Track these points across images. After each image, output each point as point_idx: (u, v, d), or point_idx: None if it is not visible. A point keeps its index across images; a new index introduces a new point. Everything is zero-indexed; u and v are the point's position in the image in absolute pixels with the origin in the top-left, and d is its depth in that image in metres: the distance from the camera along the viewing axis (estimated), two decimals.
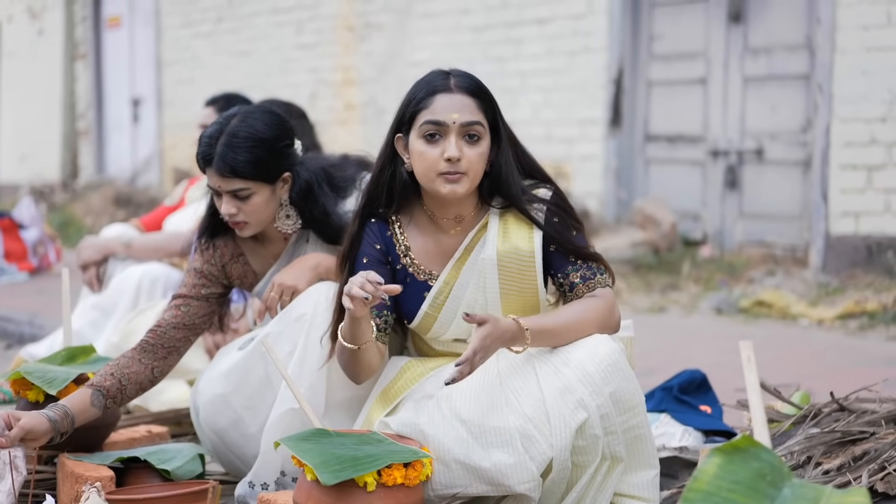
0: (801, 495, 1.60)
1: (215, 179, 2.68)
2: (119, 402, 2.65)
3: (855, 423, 2.58)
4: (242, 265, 2.85)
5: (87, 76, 12.52)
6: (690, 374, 3.14)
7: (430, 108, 2.37)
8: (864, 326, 5.25)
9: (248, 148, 2.65)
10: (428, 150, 2.37)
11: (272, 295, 2.69)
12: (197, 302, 2.79)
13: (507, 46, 8.07)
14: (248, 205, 2.69)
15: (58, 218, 10.54)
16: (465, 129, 2.36)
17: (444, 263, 2.49)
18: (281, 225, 2.79)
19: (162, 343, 2.73)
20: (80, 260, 4.03)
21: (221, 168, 2.64)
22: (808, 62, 6.59)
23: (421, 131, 2.38)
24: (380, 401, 2.49)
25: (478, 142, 2.37)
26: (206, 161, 2.67)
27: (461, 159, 2.35)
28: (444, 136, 2.36)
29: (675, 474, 2.84)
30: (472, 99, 2.38)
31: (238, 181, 2.66)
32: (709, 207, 7.19)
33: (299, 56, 9.86)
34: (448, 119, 2.35)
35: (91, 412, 2.59)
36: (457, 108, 2.36)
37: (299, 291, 2.67)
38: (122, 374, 2.65)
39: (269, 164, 2.69)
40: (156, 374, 2.72)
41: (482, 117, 2.38)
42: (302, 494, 2.14)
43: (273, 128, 2.71)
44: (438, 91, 2.38)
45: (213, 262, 2.82)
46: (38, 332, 5.37)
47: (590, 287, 2.42)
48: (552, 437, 2.22)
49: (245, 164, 2.64)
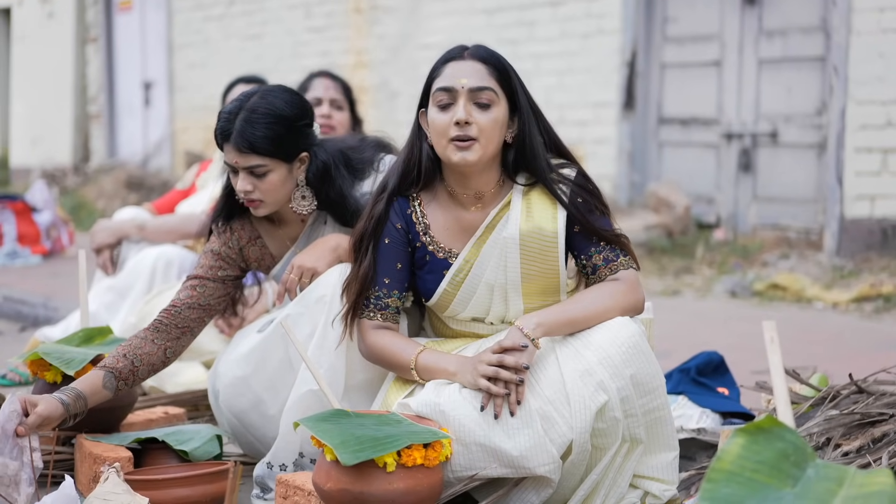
0: (825, 476, 1.59)
1: (233, 155, 2.66)
2: (131, 384, 2.65)
3: (874, 405, 2.56)
4: (260, 248, 2.84)
5: (98, 60, 12.52)
6: (708, 356, 3.13)
7: (442, 76, 2.39)
8: (879, 309, 5.23)
9: (266, 124, 2.63)
10: (439, 116, 2.37)
11: (291, 277, 2.69)
12: (213, 283, 2.78)
13: (519, 29, 8.04)
14: (265, 183, 2.68)
15: (70, 201, 10.56)
16: (475, 94, 2.35)
17: (464, 241, 2.48)
18: (296, 206, 2.78)
19: (176, 323, 2.72)
20: (94, 243, 4.03)
21: (239, 143, 2.63)
22: (824, 44, 6.55)
23: (434, 100, 2.39)
24: (398, 382, 2.49)
25: (489, 108, 2.36)
26: (224, 136, 2.66)
27: (470, 123, 2.34)
28: (455, 102, 2.36)
29: (693, 456, 2.83)
30: (483, 65, 2.38)
31: (255, 157, 2.64)
32: (723, 190, 7.16)
33: (311, 39, 9.83)
34: (457, 84, 2.35)
35: (102, 394, 2.59)
36: (466, 73, 2.36)
37: (319, 273, 2.66)
38: (134, 356, 2.65)
39: (287, 143, 2.67)
40: (168, 355, 2.71)
41: (494, 84, 2.37)
42: (321, 475, 2.14)
43: (293, 106, 2.70)
44: (451, 59, 2.40)
45: (230, 245, 2.81)
46: (53, 314, 5.38)
47: (612, 269, 2.41)
48: (572, 420, 2.21)
49: (263, 141, 2.63)
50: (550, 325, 2.28)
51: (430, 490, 2.14)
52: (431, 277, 2.49)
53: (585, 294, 2.37)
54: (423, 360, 2.38)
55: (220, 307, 2.82)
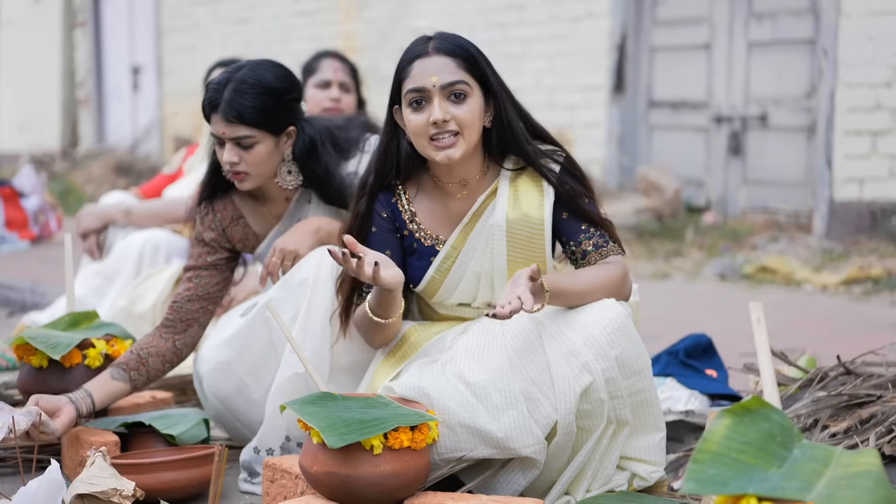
0: (812, 456, 1.59)
1: (220, 126, 2.66)
2: (145, 374, 2.68)
3: (862, 386, 2.57)
4: (243, 227, 2.84)
5: (86, 44, 12.45)
6: (696, 339, 3.13)
7: (410, 76, 2.36)
8: (868, 292, 5.24)
9: (255, 95, 2.64)
10: (415, 117, 2.35)
11: (274, 260, 2.69)
12: (206, 271, 2.78)
13: (509, 12, 8.01)
14: (251, 154, 2.67)
15: (58, 187, 10.51)
16: (448, 89, 2.33)
17: (451, 228, 2.47)
18: (282, 181, 2.78)
19: (180, 317, 2.74)
20: (80, 228, 4.02)
21: (227, 113, 2.63)
22: (813, 27, 6.54)
23: (407, 100, 2.37)
24: (384, 365, 2.48)
25: (464, 100, 2.34)
26: (212, 107, 2.66)
27: (448, 120, 2.33)
28: (428, 101, 2.34)
29: (681, 438, 2.83)
30: (450, 59, 2.35)
31: (243, 128, 2.64)
32: (712, 174, 7.16)
33: (300, 23, 9.79)
34: (427, 83, 2.33)
35: (113, 386, 2.62)
36: (435, 70, 2.34)
37: (301, 256, 2.66)
38: (139, 349, 2.69)
39: (275, 114, 2.67)
40: (178, 346, 2.74)
41: (465, 75, 2.35)
42: (308, 458, 2.14)
43: (282, 79, 2.71)
44: (417, 57, 2.37)
45: (213, 227, 2.81)
46: (40, 299, 5.36)
47: (602, 255, 2.40)
48: (556, 401, 2.21)
49: (251, 111, 2.63)
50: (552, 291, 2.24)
51: (417, 472, 2.14)
52: (419, 265, 2.48)
53: (582, 273, 2.34)
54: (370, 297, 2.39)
55: (222, 294, 2.83)
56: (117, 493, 2.25)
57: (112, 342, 2.85)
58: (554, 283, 2.24)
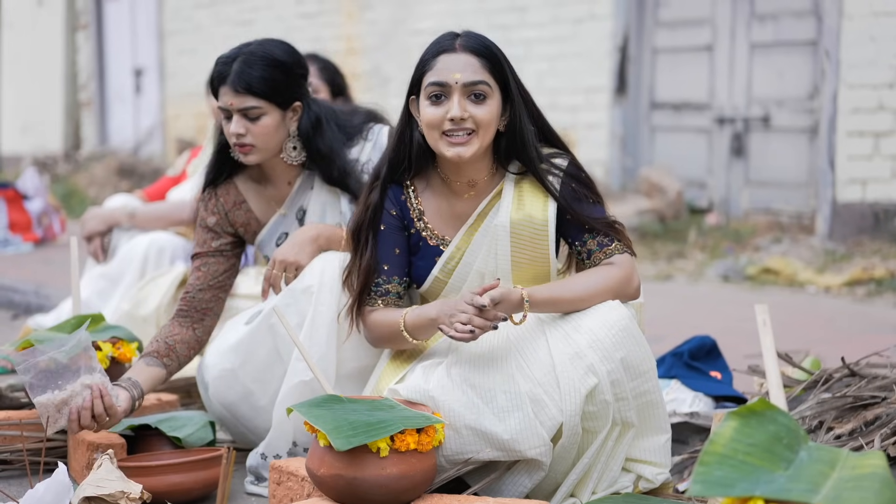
0: (818, 458, 1.59)
1: (229, 97, 2.70)
2: (176, 360, 2.70)
3: (866, 387, 2.57)
4: (245, 212, 2.86)
5: (88, 47, 12.46)
6: (700, 340, 3.13)
7: (434, 69, 2.36)
8: (871, 293, 5.24)
9: (263, 66, 2.70)
10: (432, 110, 2.36)
11: (275, 272, 2.70)
12: (213, 258, 2.81)
13: (511, 14, 8.02)
14: (258, 126, 2.71)
15: (61, 189, 10.52)
16: (469, 88, 2.34)
17: (456, 228, 2.48)
18: (286, 156, 2.81)
19: (194, 307, 2.77)
20: (85, 231, 4.02)
21: (236, 84, 2.68)
22: (816, 28, 6.55)
23: (426, 93, 2.37)
24: (389, 367, 2.48)
25: (484, 101, 2.35)
26: (220, 79, 2.71)
27: (465, 119, 2.33)
28: (448, 96, 2.35)
29: (686, 440, 2.84)
30: (476, 58, 2.36)
31: (251, 98, 2.69)
32: (715, 175, 7.16)
33: (302, 25, 9.80)
34: (450, 79, 2.34)
35: (152, 371, 2.63)
36: (459, 67, 2.34)
37: (302, 266, 2.67)
38: (164, 337, 2.71)
39: (283, 87, 2.72)
40: (199, 334, 2.77)
41: (488, 77, 2.36)
42: (314, 460, 2.14)
43: (290, 54, 2.77)
44: (443, 51, 2.37)
45: (215, 211, 2.84)
46: (44, 302, 5.37)
47: (607, 254, 2.40)
48: (562, 403, 2.21)
49: (260, 81, 2.68)
50: (536, 301, 2.27)
51: (424, 475, 2.14)
52: (423, 264, 2.49)
53: (576, 278, 2.36)
54: (409, 318, 2.38)
55: (231, 281, 2.86)
56: (124, 495, 2.25)
57: (118, 345, 2.85)
58: (535, 292, 2.26)
